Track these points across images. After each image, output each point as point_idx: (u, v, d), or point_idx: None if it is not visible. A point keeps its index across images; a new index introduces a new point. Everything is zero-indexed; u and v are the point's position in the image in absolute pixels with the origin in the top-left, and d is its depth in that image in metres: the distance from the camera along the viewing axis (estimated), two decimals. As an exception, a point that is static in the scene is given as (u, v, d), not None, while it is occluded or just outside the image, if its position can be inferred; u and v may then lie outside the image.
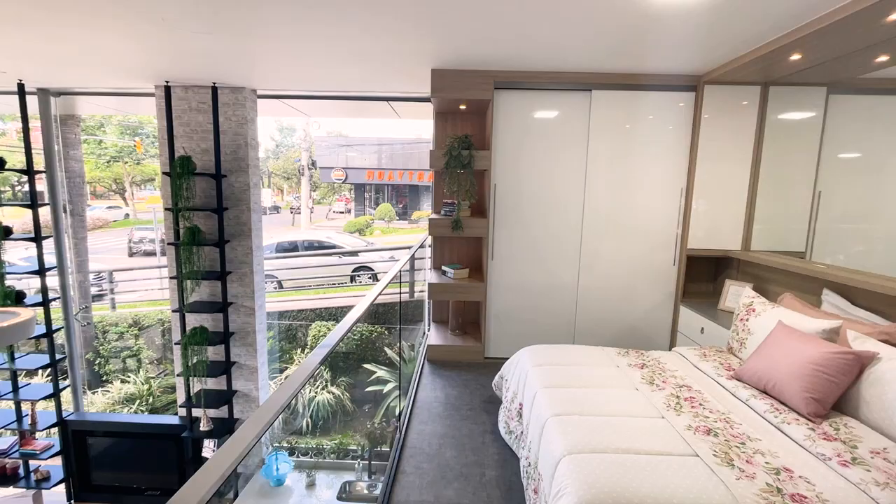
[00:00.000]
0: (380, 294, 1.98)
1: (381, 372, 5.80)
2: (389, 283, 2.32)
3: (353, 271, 9.49)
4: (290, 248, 10.55)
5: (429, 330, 3.96)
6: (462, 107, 3.53)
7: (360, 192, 19.64)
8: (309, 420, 5.94)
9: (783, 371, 1.87)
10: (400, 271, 2.56)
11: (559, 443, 1.62)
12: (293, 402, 6.08)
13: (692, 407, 1.86)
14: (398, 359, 5.63)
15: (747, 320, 2.39)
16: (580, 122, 3.29)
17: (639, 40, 2.51)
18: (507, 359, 2.68)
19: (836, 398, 1.75)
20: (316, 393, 6.16)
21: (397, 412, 2.88)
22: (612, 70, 3.11)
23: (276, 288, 8.93)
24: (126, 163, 18.36)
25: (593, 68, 3.08)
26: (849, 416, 1.73)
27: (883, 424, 1.62)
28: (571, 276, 3.44)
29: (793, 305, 2.33)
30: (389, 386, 5.47)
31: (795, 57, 2.50)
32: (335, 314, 7.57)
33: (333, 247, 10.60)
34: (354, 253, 10.11)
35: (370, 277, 9.35)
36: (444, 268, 3.67)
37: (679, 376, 2.17)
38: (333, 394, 6.21)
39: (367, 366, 6.11)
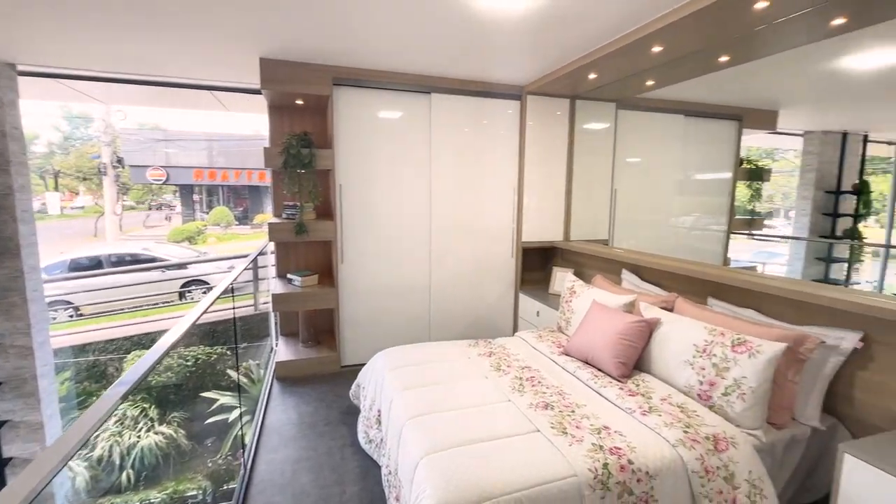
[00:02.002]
0: (205, 312, 1.69)
1: (224, 399, 5.10)
2: (219, 298, 2.01)
3: (183, 286, 8.17)
4: (92, 265, 8.56)
5: (277, 345, 3.61)
6: (299, 102, 3.28)
7: (188, 195, 17.04)
8: (130, 473, 4.89)
9: (598, 342, 2.19)
10: (232, 284, 2.24)
11: (416, 445, 1.61)
12: (107, 454, 4.94)
13: (533, 386, 2.05)
14: (245, 381, 5.03)
15: (570, 301, 2.75)
16: (423, 124, 3.36)
17: (471, 50, 2.66)
18: (365, 365, 2.58)
19: (636, 360, 2.12)
20: (139, 437, 5.11)
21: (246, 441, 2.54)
22: (449, 75, 3.25)
23: (71, 317, 7.14)
24: None
25: (433, 72, 3.18)
26: (645, 373, 2.11)
27: (666, 375, 2.02)
28: (423, 275, 3.51)
29: (602, 285, 2.76)
30: (237, 413, 4.85)
31: (593, 76, 2.96)
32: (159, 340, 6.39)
33: (153, 260, 8.96)
34: (183, 265, 8.70)
35: (205, 292, 8.16)
36: (289, 275, 3.37)
37: (521, 359, 2.38)
38: (163, 434, 5.23)
39: (206, 394, 5.31)
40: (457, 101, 3.40)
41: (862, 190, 5.04)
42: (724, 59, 2.55)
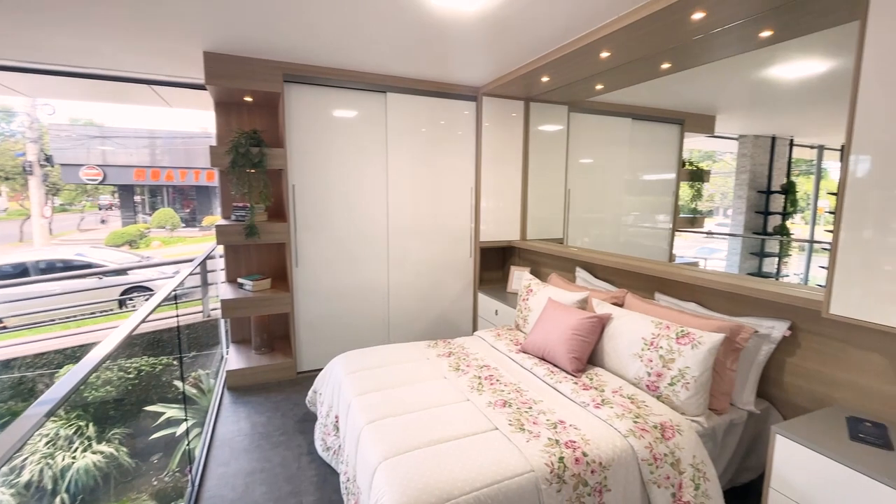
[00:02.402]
0: (143, 322, 1.58)
1: (171, 412, 4.81)
2: (161, 305, 1.89)
3: (123, 294, 7.64)
4: (17, 273, 7.84)
5: (227, 353, 3.45)
6: (248, 98, 3.15)
7: (129, 196, 15.96)
8: (65, 497, 4.51)
9: (554, 338, 2.24)
10: (175, 290, 2.11)
11: (374, 450, 1.58)
12: (37, 478, 4.53)
13: (491, 384, 2.07)
14: (194, 392, 4.77)
15: (527, 299, 2.80)
16: (378, 123, 3.32)
17: (425, 50, 2.65)
18: (322, 370, 2.52)
19: (589, 354, 2.19)
20: (74, 458, 4.72)
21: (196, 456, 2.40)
22: (405, 74, 3.22)
23: (-7, 329, 6.50)
24: None
25: (388, 71, 3.14)
26: (598, 367, 2.19)
27: (617, 368, 2.10)
28: (381, 276, 3.47)
29: (557, 283, 2.83)
30: (187, 425, 4.58)
31: (545, 79, 3.03)
32: (98, 351, 5.94)
33: (88, 266, 8.32)
34: (122, 271, 8.14)
35: (148, 299, 7.66)
36: (240, 280, 3.23)
37: (480, 358, 2.40)
38: (103, 453, 4.86)
39: (151, 408, 4.98)
40: (413, 101, 3.38)
41: (789, 190, 5.47)
42: (666, 65, 2.68)
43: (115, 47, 2.65)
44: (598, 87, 3.23)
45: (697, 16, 1.95)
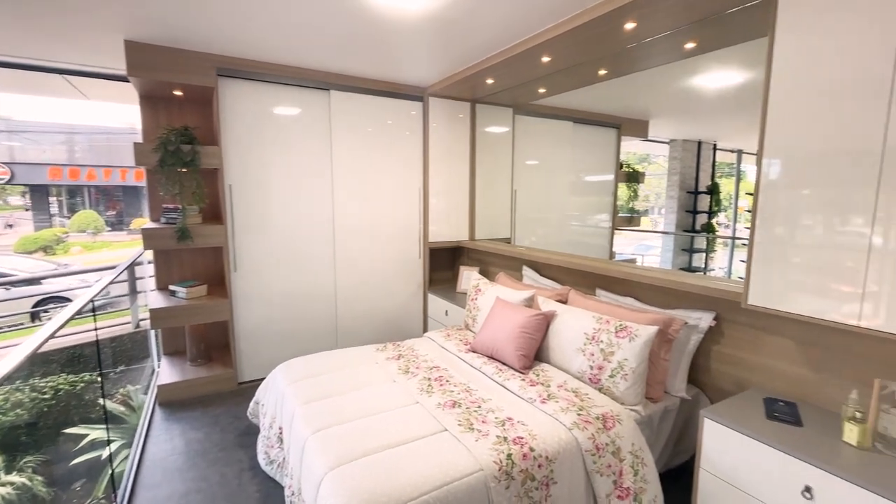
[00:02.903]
0: (53, 336, 1.42)
1: (96, 433, 4.39)
2: (77, 317, 1.71)
3: (37, 305, 6.90)
4: None
5: (159, 367, 3.20)
6: (178, 93, 2.94)
7: (42, 197, 14.44)
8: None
9: (502, 337, 2.28)
10: (93, 300, 1.93)
11: (320, 461, 1.52)
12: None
13: (441, 385, 2.06)
14: (122, 410, 4.38)
15: (476, 299, 2.83)
16: (322, 122, 3.22)
17: (369, 48, 2.60)
18: (264, 380, 2.40)
19: (535, 351, 2.24)
20: (-24, 493, 4.18)
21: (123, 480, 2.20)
22: (349, 72, 3.15)
23: None
24: None
25: (331, 68, 3.05)
26: (544, 363, 2.25)
27: (562, 363, 2.17)
28: (328, 279, 3.37)
29: (505, 282, 2.88)
30: (114, 446, 4.20)
31: (490, 81, 3.08)
32: None
33: (-6, 275, 7.44)
34: (34, 280, 7.35)
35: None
36: (172, 287, 3.01)
37: (430, 359, 2.39)
38: (13, 484, 4.35)
39: (72, 430, 4.52)
40: (358, 100, 3.31)
41: (714, 190, 5.93)
42: (603, 72, 2.81)
43: (21, 31, 2.37)
44: (541, 90, 3.33)
45: (629, 26, 2.06)
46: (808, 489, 1.38)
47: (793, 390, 1.78)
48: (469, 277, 3.60)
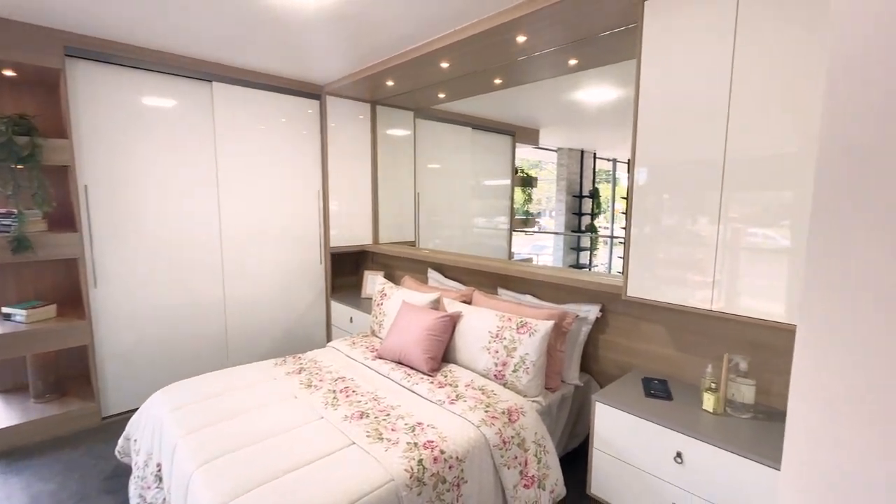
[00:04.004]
0: None
1: None
2: None
3: None
4: None
5: (-10, 408, 2.59)
6: (9, 73, 2.42)
7: None
8: None
9: (409, 341, 2.25)
10: None
11: (209, 498, 1.35)
12: None
13: (347, 397, 1.97)
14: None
15: (382, 304, 2.77)
16: (204, 117, 2.89)
17: (258, 39, 2.40)
18: (137, 411, 2.07)
19: (443, 352, 2.26)
20: None
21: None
22: (236, 64, 2.88)
23: None
24: None
25: (214, 57, 2.76)
26: (452, 364, 2.27)
27: (469, 362, 2.21)
28: (215, 290, 3.04)
29: (410, 285, 2.87)
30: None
31: (390, 83, 3.05)
32: None
33: None
34: None
35: None
36: (6, 310, 2.46)
37: (334, 370, 2.27)
38: None
39: None
40: (247, 95, 3.04)
41: (595, 194, 6.60)
42: (498, 81, 2.95)
43: None
44: (441, 95, 3.39)
45: (521, 39, 2.18)
46: (678, 454, 1.58)
47: (665, 369, 2.03)
48: (374, 282, 3.52)
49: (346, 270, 3.91)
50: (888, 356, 0.64)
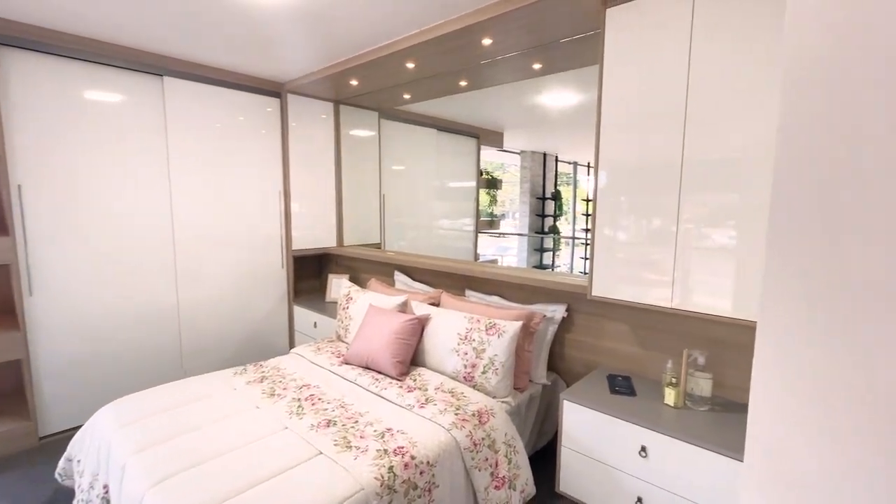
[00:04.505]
0: None
1: None
2: None
3: None
4: None
5: None
6: (-73, 59, 2.19)
7: None
8: None
9: (376, 345, 2.21)
10: None
11: (164, 519, 1.26)
12: None
13: (312, 405, 1.91)
14: None
15: (348, 308, 2.71)
16: (155, 113, 2.73)
17: (214, 32, 2.29)
18: (81, 428, 1.91)
19: (411, 356, 2.23)
20: None
21: None
22: (190, 58, 2.74)
23: None
24: None
25: (165, 51, 2.61)
26: (421, 367, 2.25)
27: (438, 365, 2.20)
28: (169, 296, 2.87)
29: (377, 288, 2.82)
30: None
31: (354, 82, 2.99)
32: None
33: None
34: None
35: None
36: (-75, 322, 2.22)
37: (299, 377, 2.19)
38: None
39: None
40: (202, 91, 2.90)
41: (557, 196, 6.75)
42: (464, 83, 2.96)
43: None
44: (407, 96, 3.36)
45: (486, 41, 2.20)
46: (643, 448, 1.63)
47: (628, 366, 2.09)
48: (339, 285, 3.44)
49: (310, 274, 3.80)
50: (846, 350, 0.68)
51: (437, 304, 2.49)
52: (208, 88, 2.92)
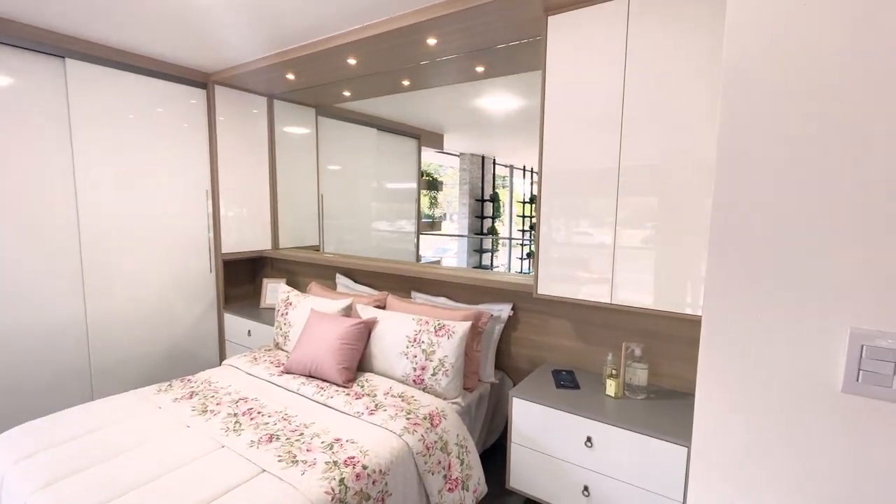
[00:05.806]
0: None
1: None
2: None
3: None
4: None
5: None
6: None
7: None
8: None
9: (321, 351, 2.11)
10: None
11: (78, 564, 1.09)
12: None
13: (251, 419, 1.77)
14: None
15: (287, 314, 2.56)
16: (55, 100, 2.40)
17: (123, 11, 2.05)
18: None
19: (358, 361, 2.15)
20: None
21: None
22: (96, 39, 2.43)
23: None
24: None
25: (65, 29, 2.30)
26: (368, 372, 2.18)
27: (386, 369, 2.14)
28: (75, 309, 2.53)
29: (318, 292, 2.69)
30: None
31: (291, 76, 2.84)
32: None
33: None
34: None
35: None
36: None
37: (234, 391, 2.03)
38: None
39: None
40: (112, 76, 2.59)
41: (494, 198, 6.93)
42: (406, 82, 2.92)
43: None
44: (346, 93, 3.26)
45: (431, 41, 2.18)
46: (588, 439, 1.70)
47: (572, 361, 2.18)
48: (276, 290, 3.25)
49: (242, 279, 3.54)
50: (785, 341, 0.75)
51: (382, 307, 2.43)
52: (119, 74, 2.62)
